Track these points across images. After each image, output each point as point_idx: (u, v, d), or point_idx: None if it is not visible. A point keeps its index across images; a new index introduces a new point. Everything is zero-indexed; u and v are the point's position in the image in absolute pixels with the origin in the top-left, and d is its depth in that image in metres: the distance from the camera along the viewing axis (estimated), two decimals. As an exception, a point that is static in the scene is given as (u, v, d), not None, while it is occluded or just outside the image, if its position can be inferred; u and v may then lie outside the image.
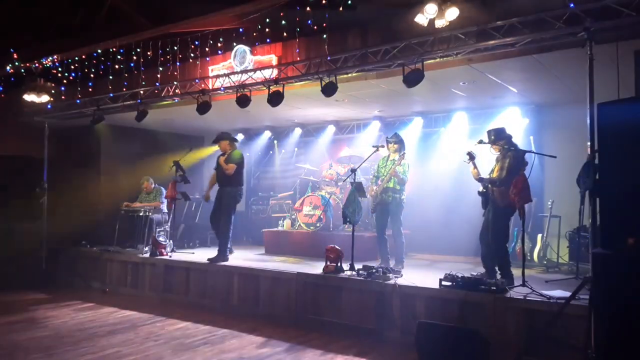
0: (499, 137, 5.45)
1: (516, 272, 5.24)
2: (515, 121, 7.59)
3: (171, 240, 8.09)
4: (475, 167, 5.57)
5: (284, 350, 5.03)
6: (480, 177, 5.52)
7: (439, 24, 5.07)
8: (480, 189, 5.55)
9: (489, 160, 5.66)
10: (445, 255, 7.63)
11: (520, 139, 7.37)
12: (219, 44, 7.37)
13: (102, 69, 8.33)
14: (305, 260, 6.99)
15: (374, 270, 5.56)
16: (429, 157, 8.37)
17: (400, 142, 6.63)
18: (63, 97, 8.69)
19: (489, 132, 5.57)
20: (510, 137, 5.49)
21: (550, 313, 4.37)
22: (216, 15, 7.24)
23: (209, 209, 9.00)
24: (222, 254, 6.91)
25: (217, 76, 7.21)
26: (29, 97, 8.18)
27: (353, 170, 6.34)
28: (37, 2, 9.13)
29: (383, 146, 6.68)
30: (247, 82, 6.86)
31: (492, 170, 5.50)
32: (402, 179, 6.44)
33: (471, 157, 5.58)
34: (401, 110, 8.58)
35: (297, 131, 10.03)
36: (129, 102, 7.98)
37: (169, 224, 8.31)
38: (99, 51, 8.29)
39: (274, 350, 5.05)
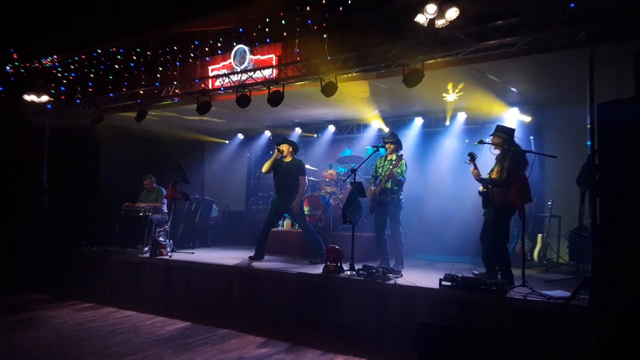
0: (502, 132, 5.45)
1: (516, 272, 5.24)
2: (515, 121, 7.59)
3: (171, 240, 8.09)
4: (475, 167, 5.57)
5: (284, 350, 5.04)
6: (481, 178, 5.52)
7: (439, 23, 5.06)
8: (481, 189, 5.56)
9: (485, 161, 5.66)
10: (445, 255, 7.62)
11: (520, 139, 7.37)
12: (219, 44, 7.38)
13: (102, 69, 8.34)
14: (305, 260, 6.99)
15: (374, 270, 5.56)
16: (428, 157, 8.37)
17: (396, 142, 6.64)
18: (63, 97, 8.68)
19: (497, 126, 5.59)
20: (513, 139, 5.48)
21: (550, 313, 4.37)
22: (216, 15, 7.25)
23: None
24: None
25: (217, 76, 7.21)
26: (29, 97, 8.18)
27: (353, 170, 6.34)
28: (38, 2, 9.14)
29: (383, 146, 6.68)
30: (247, 82, 6.86)
31: (492, 170, 5.50)
32: (399, 181, 6.44)
33: (472, 157, 5.59)
34: (401, 111, 8.58)
35: (297, 131, 10.04)
36: (128, 102, 7.98)
37: (169, 224, 8.31)
38: (99, 51, 8.30)
39: (274, 350, 5.05)
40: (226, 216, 10.43)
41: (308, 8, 6.25)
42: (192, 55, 7.64)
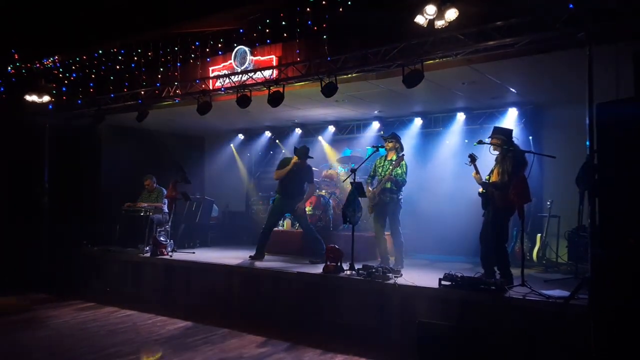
0: (500, 134, 5.46)
1: (515, 271, 5.25)
2: (514, 122, 7.62)
3: (172, 240, 8.11)
4: (477, 171, 5.56)
5: (284, 350, 5.05)
6: (483, 182, 5.52)
7: (439, 24, 5.08)
8: (481, 190, 5.56)
9: (485, 161, 5.67)
10: (444, 255, 7.63)
11: (519, 139, 7.40)
12: (220, 45, 7.40)
13: (103, 69, 8.36)
14: (305, 260, 7.00)
15: (373, 270, 5.57)
16: (428, 158, 8.38)
17: (396, 141, 6.64)
18: (64, 98, 8.70)
19: (495, 128, 5.60)
20: (512, 140, 5.49)
21: (549, 312, 4.39)
22: (216, 15, 7.27)
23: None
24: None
25: (218, 77, 7.23)
26: (30, 98, 8.20)
27: (353, 170, 6.35)
28: (39, 2, 9.16)
29: (383, 146, 6.69)
30: (247, 82, 6.87)
31: (492, 172, 5.50)
32: (397, 182, 6.43)
33: (472, 159, 5.58)
34: (401, 111, 8.60)
35: (297, 131, 10.06)
36: (129, 103, 8.00)
37: (169, 223, 8.32)
38: (100, 51, 8.32)
39: (274, 349, 5.07)
40: (226, 216, 10.45)
41: (308, 9, 6.26)
42: (192, 55, 7.66)
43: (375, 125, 9.10)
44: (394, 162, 6.43)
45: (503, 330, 4.59)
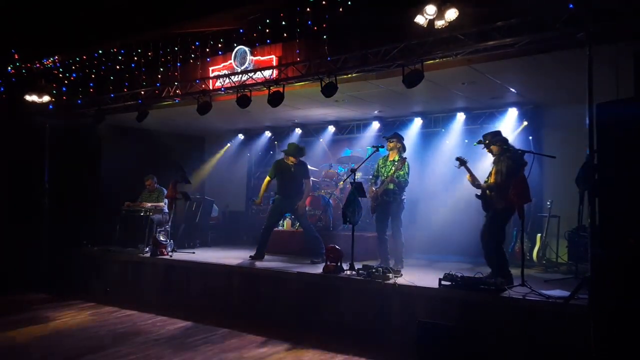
0: (494, 140, 5.46)
1: (515, 271, 5.25)
2: (514, 122, 7.62)
3: (172, 240, 8.11)
4: (470, 173, 5.54)
5: (284, 350, 5.05)
6: (478, 184, 5.50)
7: (439, 24, 5.08)
8: (478, 192, 5.54)
9: (484, 162, 5.67)
10: (444, 255, 7.63)
11: (519, 139, 7.41)
12: (220, 45, 7.40)
13: (103, 69, 8.36)
14: (305, 260, 7.00)
15: (373, 270, 5.57)
16: (428, 158, 8.38)
17: (398, 141, 6.63)
18: (64, 98, 8.71)
19: (484, 136, 5.59)
20: (505, 140, 5.50)
21: (549, 312, 4.39)
22: (217, 15, 7.28)
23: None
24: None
25: (218, 77, 7.23)
26: (30, 98, 8.20)
27: (353, 170, 6.35)
28: (39, 2, 9.16)
29: (383, 146, 6.68)
30: (247, 82, 6.87)
31: (490, 174, 5.50)
32: (399, 183, 6.42)
33: (461, 162, 5.55)
34: (401, 111, 8.60)
35: (297, 131, 10.06)
36: (129, 103, 8.00)
37: (169, 223, 8.32)
38: (100, 51, 8.32)
39: (274, 349, 5.07)
40: (226, 216, 10.45)
41: (308, 9, 6.26)
42: (192, 55, 7.66)
43: (375, 125, 9.10)
44: (396, 164, 6.42)
45: (503, 330, 4.59)
